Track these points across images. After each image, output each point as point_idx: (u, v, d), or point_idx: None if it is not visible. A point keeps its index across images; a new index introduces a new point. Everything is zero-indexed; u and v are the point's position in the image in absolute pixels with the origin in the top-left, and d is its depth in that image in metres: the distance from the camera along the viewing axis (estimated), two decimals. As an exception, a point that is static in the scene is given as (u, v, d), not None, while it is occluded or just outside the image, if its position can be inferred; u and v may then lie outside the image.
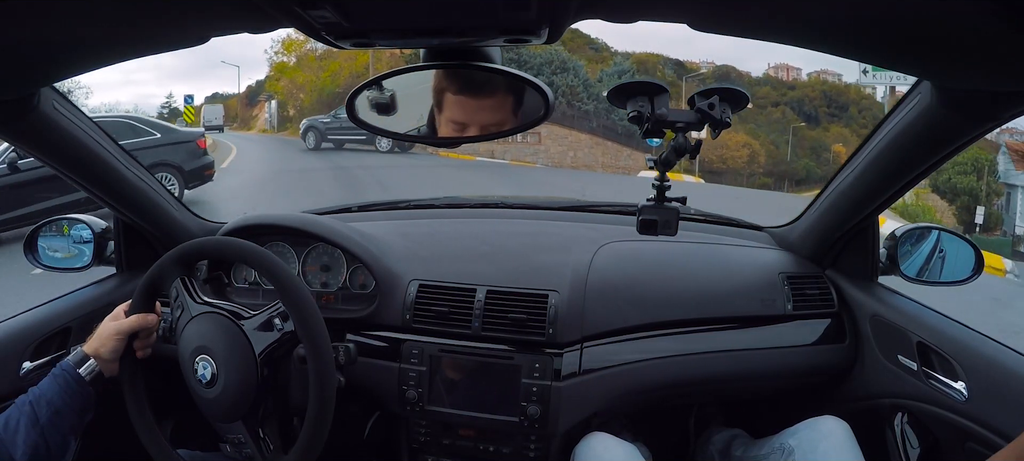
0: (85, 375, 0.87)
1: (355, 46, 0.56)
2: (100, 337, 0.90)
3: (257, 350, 0.89)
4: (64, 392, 0.84)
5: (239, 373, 0.88)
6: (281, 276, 0.87)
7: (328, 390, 0.86)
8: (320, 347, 0.86)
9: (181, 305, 0.94)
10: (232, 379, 0.88)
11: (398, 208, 1.49)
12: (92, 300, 1.17)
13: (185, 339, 0.92)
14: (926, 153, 0.86)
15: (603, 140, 20.11)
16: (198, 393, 0.91)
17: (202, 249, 0.96)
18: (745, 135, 29.30)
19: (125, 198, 1.10)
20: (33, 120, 0.79)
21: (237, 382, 0.88)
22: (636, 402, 1.14)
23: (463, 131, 0.74)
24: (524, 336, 1.06)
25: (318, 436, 0.85)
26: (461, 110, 0.72)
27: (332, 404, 0.86)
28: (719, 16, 0.52)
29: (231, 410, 0.89)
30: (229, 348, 0.89)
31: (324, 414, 0.85)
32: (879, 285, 1.15)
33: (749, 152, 28.55)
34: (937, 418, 0.94)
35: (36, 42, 0.52)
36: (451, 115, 0.73)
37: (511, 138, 16.62)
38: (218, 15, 0.51)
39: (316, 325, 0.86)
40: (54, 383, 0.85)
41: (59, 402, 0.83)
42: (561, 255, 1.17)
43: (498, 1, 0.46)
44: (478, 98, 0.72)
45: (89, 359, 0.88)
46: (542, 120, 0.72)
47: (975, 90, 0.65)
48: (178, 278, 0.95)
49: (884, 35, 0.51)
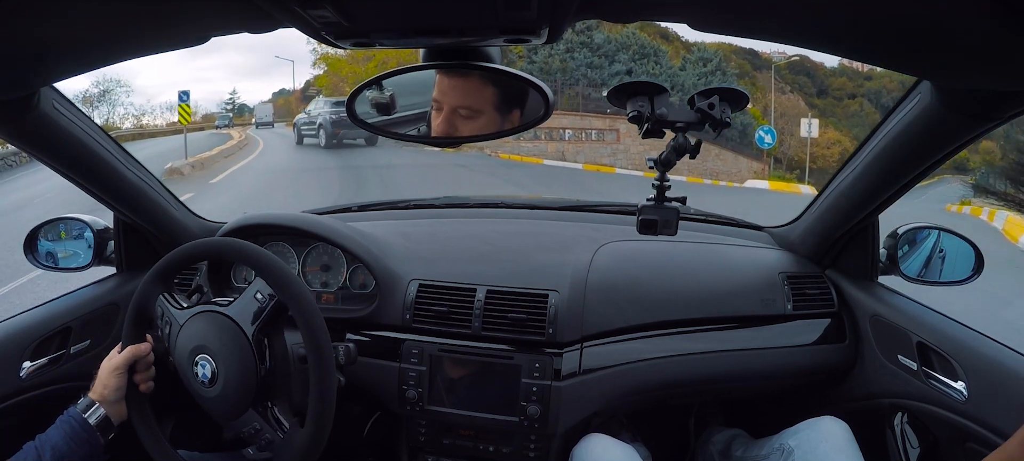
0: (92, 421, 0.86)
1: (355, 46, 0.56)
2: (100, 380, 0.89)
3: (248, 332, 0.88)
4: (70, 439, 0.84)
5: (238, 362, 0.88)
6: (280, 275, 0.87)
7: (329, 390, 0.86)
8: (321, 346, 0.85)
9: (168, 320, 0.94)
10: (232, 370, 0.87)
11: (398, 208, 1.49)
12: (92, 300, 1.17)
13: (180, 347, 0.92)
14: (926, 153, 0.86)
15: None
16: (203, 395, 0.90)
17: (190, 254, 0.95)
18: (834, 131, 26.29)
19: (125, 197, 1.10)
20: (33, 120, 0.79)
21: (237, 371, 0.87)
22: (636, 402, 1.14)
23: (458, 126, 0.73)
24: (524, 336, 1.06)
25: (319, 435, 0.85)
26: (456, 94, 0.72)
27: (333, 404, 0.86)
28: (719, 16, 0.52)
29: (239, 401, 0.88)
30: (222, 339, 0.88)
31: (325, 413, 0.85)
32: (879, 285, 1.15)
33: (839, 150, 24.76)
34: (937, 418, 0.94)
35: (36, 42, 0.52)
36: (445, 99, 0.72)
37: (583, 138, 15.71)
38: (218, 15, 0.51)
39: (317, 324, 0.86)
40: (61, 429, 0.84)
41: (65, 448, 0.83)
42: (561, 255, 1.17)
43: (498, 1, 0.46)
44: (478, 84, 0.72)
45: (95, 404, 0.87)
46: (542, 120, 0.72)
47: (975, 90, 0.65)
48: (159, 296, 0.95)
49: (884, 35, 0.51)
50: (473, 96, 0.72)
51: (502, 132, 0.75)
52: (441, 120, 0.73)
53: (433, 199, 1.53)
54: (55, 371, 1.08)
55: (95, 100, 30.64)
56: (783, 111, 23.58)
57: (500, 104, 0.72)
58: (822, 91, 32.85)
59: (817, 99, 29.62)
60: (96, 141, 0.96)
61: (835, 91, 34.42)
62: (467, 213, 1.49)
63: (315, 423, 0.85)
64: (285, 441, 0.88)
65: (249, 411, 0.89)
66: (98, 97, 30.86)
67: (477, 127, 0.73)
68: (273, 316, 0.90)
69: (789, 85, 28.10)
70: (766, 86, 24.50)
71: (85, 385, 1.13)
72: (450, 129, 0.73)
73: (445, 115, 0.73)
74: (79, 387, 1.13)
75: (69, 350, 1.10)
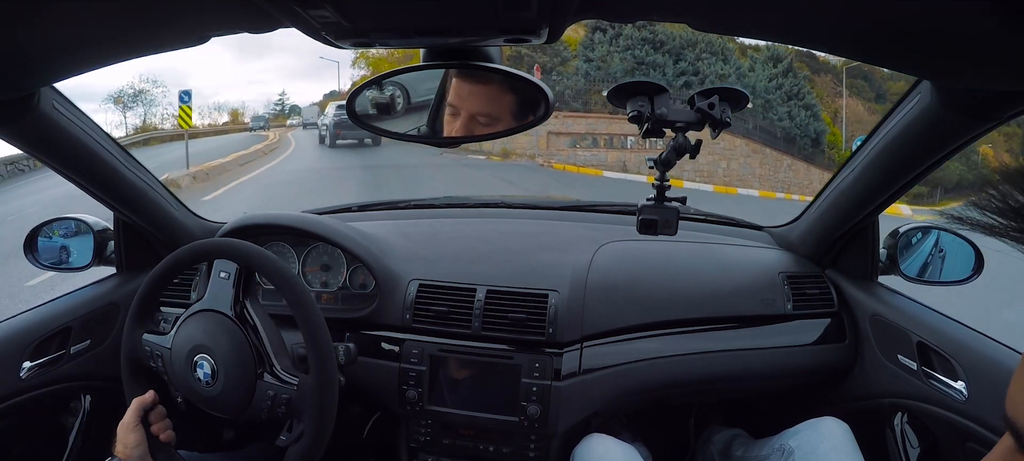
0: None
1: (355, 46, 0.56)
2: (120, 439, 0.89)
3: (230, 313, 0.89)
4: None
5: (230, 346, 0.88)
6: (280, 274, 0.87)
7: (329, 389, 0.86)
8: (322, 346, 0.85)
9: (159, 353, 0.93)
10: (229, 357, 0.87)
11: (398, 208, 1.49)
12: (92, 300, 1.17)
13: (175, 360, 0.91)
14: (926, 153, 0.86)
15: (761, 146, 15.18)
16: (209, 395, 0.89)
17: (179, 260, 0.94)
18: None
19: (125, 197, 1.10)
20: (33, 120, 0.79)
21: (233, 353, 0.88)
22: (636, 402, 1.14)
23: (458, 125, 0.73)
24: (524, 336, 1.06)
25: (321, 434, 0.85)
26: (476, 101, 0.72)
27: (334, 403, 0.86)
28: (719, 16, 0.52)
29: (244, 379, 0.88)
30: (209, 331, 0.89)
31: (326, 413, 0.85)
32: (879, 285, 1.15)
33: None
34: (937, 418, 0.94)
35: (36, 42, 0.52)
36: (464, 105, 0.72)
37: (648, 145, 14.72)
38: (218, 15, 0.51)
39: (317, 323, 0.86)
40: None
41: None
42: (561, 255, 1.17)
43: (498, 1, 0.46)
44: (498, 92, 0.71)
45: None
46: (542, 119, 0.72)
47: (975, 90, 0.65)
48: (142, 336, 0.95)
49: (884, 35, 0.51)
50: (493, 103, 0.72)
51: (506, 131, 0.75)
52: (459, 125, 0.73)
53: (433, 199, 1.53)
54: (55, 371, 1.08)
55: (128, 100, 30.56)
56: (858, 117, 22.12)
57: (517, 111, 0.72)
58: (880, 96, 32.17)
59: (876, 104, 28.88)
60: (96, 141, 0.96)
61: (893, 96, 33.36)
62: (467, 213, 1.49)
63: (316, 422, 0.85)
64: (302, 388, 0.87)
65: (257, 385, 0.88)
66: (132, 97, 30.72)
67: (489, 132, 0.73)
68: (244, 284, 0.91)
69: (848, 89, 27.07)
70: (824, 90, 23.24)
71: (85, 385, 1.14)
72: (468, 134, 0.73)
73: (463, 120, 0.72)
74: (79, 387, 1.13)
75: (69, 350, 1.10)
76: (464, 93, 0.72)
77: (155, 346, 0.94)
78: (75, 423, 1.12)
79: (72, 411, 1.13)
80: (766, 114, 16.21)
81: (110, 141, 1.00)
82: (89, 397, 1.14)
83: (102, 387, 1.14)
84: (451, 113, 0.73)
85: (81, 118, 0.91)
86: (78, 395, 1.14)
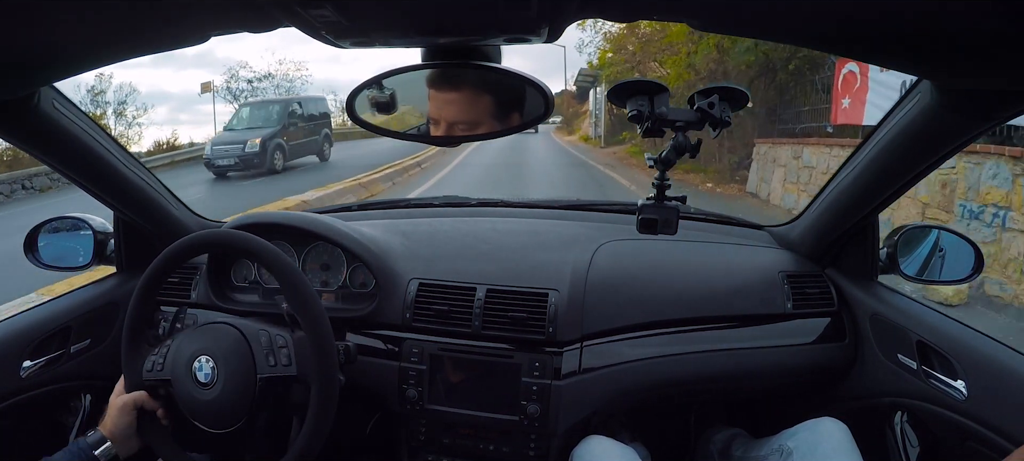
0: (99, 455, 0.86)
1: (355, 46, 0.56)
2: (110, 416, 0.89)
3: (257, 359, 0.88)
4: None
5: (240, 376, 0.87)
6: (286, 270, 0.87)
7: (330, 388, 0.86)
8: (324, 344, 0.85)
9: (161, 358, 0.91)
10: (232, 381, 0.86)
11: (398, 207, 1.50)
12: (92, 300, 1.17)
13: (177, 351, 0.90)
14: (926, 152, 0.86)
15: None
16: (195, 396, 0.87)
17: (176, 257, 0.94)
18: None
19: (125, 196, 1.10)
20: (33, 120, 0.79)
21: (237, 384, 0.86)
22: (636, 401, 1.14)
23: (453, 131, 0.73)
24: (524, 335, 1.06)
25: (319, 433, 0.85)
26: (452, 109, 0.71)
27: (334, 402, 0.86)
28: (719, 16, 0.52)
29: (232, 413, 0.87)
30: (228, 351, 0.88)
31: (325, 412, 0.85)
32: (879, 284, 1.15)
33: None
34: (937, 417, 0.94)
35: (36, 42, 0.52)
36: (441, 114, 0.71)
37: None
38: (218, 14, 0.51)
39: (320, 321, 0.86)
40: (68, 458, 0.84)
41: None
42: (561, 253, 1.17)
43: (498, 1, 0.46)
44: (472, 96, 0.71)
45: (106, 441, 0.87)
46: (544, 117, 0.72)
47: (975, 90, 0.65)
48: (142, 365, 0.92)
49: (884, 35, 0.51)
50: (468, 110, 0.71)
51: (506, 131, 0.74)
52: (441, 132, 0.73)
53: (432, 198, 1.54)
54: (55, 370, 1.08)
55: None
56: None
57: (497, 111, 0.71)
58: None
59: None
60: (96, 140, 0.96)
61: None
62: (467, 212, 1.49)
63: (316, 422, 0.85)
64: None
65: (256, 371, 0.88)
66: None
67: (477, 133, 0.73)
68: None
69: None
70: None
71: (85, 384, 1.14)
72: (450, 136, 0.73)
73: (443, 129, 0.72)
74: (79, 386, 1.14)
75: (69, 350, 1.11)
76: (439, 103, 0.71)
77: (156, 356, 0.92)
78: (75, 422, 1.12)
79: (72, 410, 1.13)
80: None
81: (110, 140, 1.01)
82: (89, 396, 1.14)
83: (102, 386, 1.14)
84: (433, 123, 0.73)
85: (81, 118, 0.91)
86: (78, 394, 1.14)
